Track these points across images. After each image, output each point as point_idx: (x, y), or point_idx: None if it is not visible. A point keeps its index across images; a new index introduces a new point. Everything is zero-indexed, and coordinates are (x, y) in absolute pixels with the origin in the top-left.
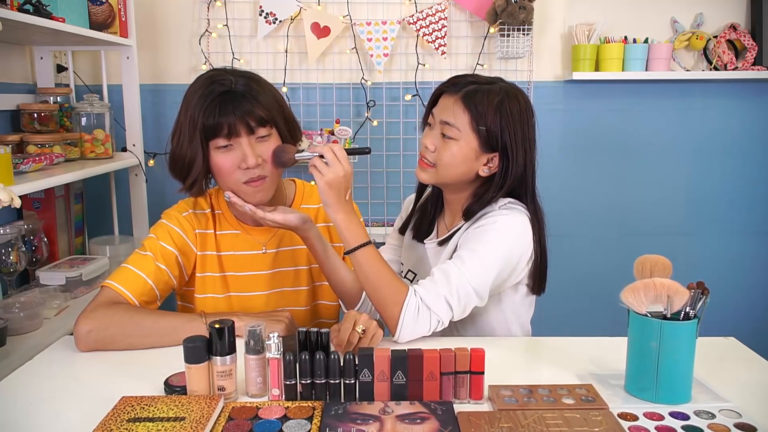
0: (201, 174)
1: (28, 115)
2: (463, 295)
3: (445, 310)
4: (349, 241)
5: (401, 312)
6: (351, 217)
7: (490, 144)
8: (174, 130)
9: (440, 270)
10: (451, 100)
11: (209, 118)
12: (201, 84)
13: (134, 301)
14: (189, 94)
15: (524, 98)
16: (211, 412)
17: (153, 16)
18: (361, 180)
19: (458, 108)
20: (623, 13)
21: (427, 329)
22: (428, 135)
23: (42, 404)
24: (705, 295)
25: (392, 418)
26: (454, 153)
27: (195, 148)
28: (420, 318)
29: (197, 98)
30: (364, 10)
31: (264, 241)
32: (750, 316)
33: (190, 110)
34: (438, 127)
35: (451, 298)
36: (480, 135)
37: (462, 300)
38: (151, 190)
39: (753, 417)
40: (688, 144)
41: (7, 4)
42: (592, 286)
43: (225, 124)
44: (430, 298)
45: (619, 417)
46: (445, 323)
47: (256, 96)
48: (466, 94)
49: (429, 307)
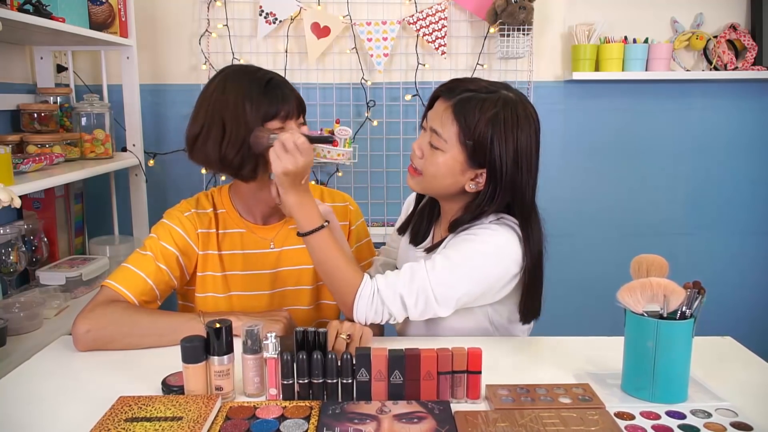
0: (262, 158)
1: (28, 115)
2: (422, 300)
3: (399, 307)
4: (303, 225)
5: (355, 298)
6: (305, 200)
7: (477, 159)
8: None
9: (409, 267)
10: (443, 106)
11: (272, 101)
12: (242, 74)
13: (134, 300)
14: (231, 85)
15: (526, 110)
16: (208, 411)
17: (153, 16)
18: (361, 180)
19: (447, 117)
20: (623, 13)
21: (379, 319)
22: (419, 139)
23: (41, 404)
24: (701, 294)
25: (389, 418)
26: (439, 164)
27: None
28: (373, 307)
29: (247, 84)
30: (364, 10)
31: (271, 238)
32: (747, 316)
33: (243, 100)
34: (428, 133)
35: (408, 298)
36: (467, 148)
37: (420, 304)
38: (151, 190)
39: (749, 416)
40: (688, 144)
41: (7, 4)
42: (591, 285)
43: (285, 107)
44: (387, 292)
45: (616, 416)
46: (399, 320)
47: (292, 87)
48: (459, 102)
49: (383, 301)
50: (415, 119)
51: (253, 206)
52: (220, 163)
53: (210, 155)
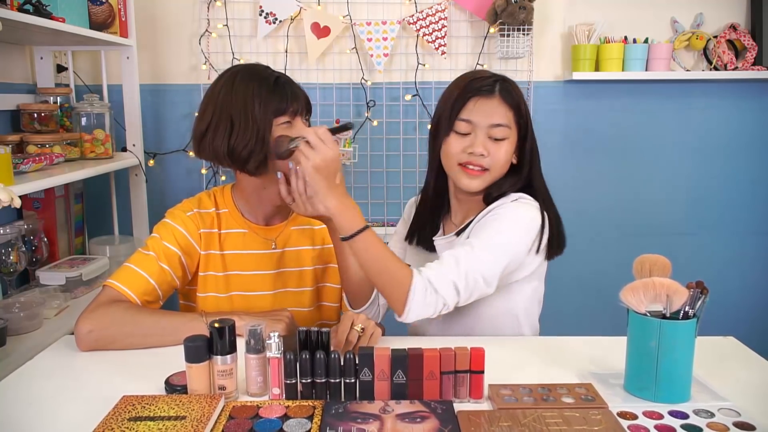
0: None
1: (28, 115)
2: (471, 281)
3: (452, 293)
4: (345, 228)
5: (409, 293)
6: (345, 202)
7: (522, 133)
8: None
9: (450, 254)
10: (492, 102)
11: (282, 98)
12: (250, 72)
13: (136, 300)
14: (239, 82)
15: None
16: (211, 411)
17: (153, 16)
18: (362, 180)
19: (502, 107)
20: (623, 13)
21: (432, 311)
22: (475, 142)
23: (42, 404)
24: (704, 294)
25: (392, 417)
26: (508, 151)
27: (264, 125)
28: (428, 299)
29: (258, 81)
30: (364, 10)
31: (272, 239)
32: (749, 316)
33: (250, 92)
34: (483, 131)
35: (459, 282)
36: (520, 127)
37: (470, 285)
38: (151, 190)
39: (752, 416)
40: (688, 144)
41: (7, 4)
42: (592, 285)
43: (294, 102)
44: (439, 281)
45: (619, 416)
46: (451, 307)
47: (300, 86)
48: (503, 91)
49: (437, 290)
50: (415, 119)
51: (256, 206)
52: (228, 157)
53: (218, 149)
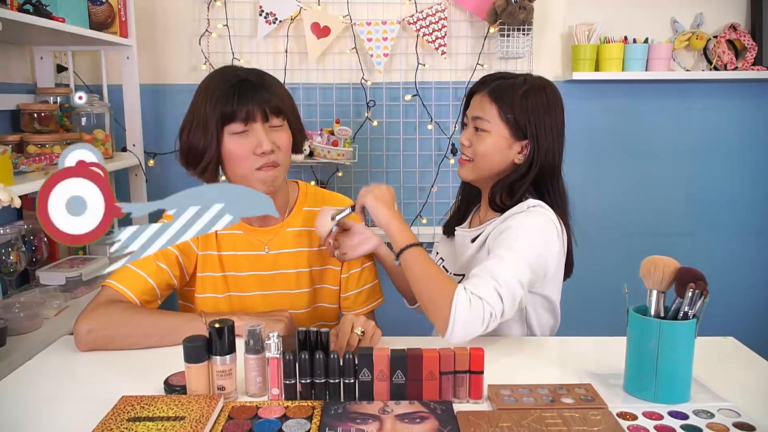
0: (214, 159)
1: (28, 115)
2: (511, 287)
3: (496, 299)
4: (400, 243)
5: (452, 305)
6: (402, 224)
7: (520, 131)
8: (186, 121)
9: (482, 268)
10: (480, 96)
11: (228, 103)
12: (216, 75)
13: (135, 300)
14: (203, 84)
15: (551, 89)
16: (210, 411)
17: (153, 16)
18: (362, 180)
19: (486, 101)
20: (623, 13)
21: (480, 323)
22: (463, 133)
23: (42, 404)
24: (704, 295)
25: (392, 418)
26: (488, 144)
27: (210, 133)
28: (473, 309)
29: (214, 85)
30: (364, 10)
31: (266, 241)
32: (749, 316)
33: (206, 97)
34: (471, 123)
35: (500, 287)
36: (509, 123)
37: (510, 291)
38: (151, 190)
39: (752, 416)
40: (688, 144)
41: (7, 4)
42: (592, 285)
43: (243, 109)
44: (480, 289)
45: (619, 416)
46: (497, 317)
47: (269, 87)
48: (493, 88)
49: (480, 297)
50: (415, 119)
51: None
52: (183, 158)
53: (181, 149)
